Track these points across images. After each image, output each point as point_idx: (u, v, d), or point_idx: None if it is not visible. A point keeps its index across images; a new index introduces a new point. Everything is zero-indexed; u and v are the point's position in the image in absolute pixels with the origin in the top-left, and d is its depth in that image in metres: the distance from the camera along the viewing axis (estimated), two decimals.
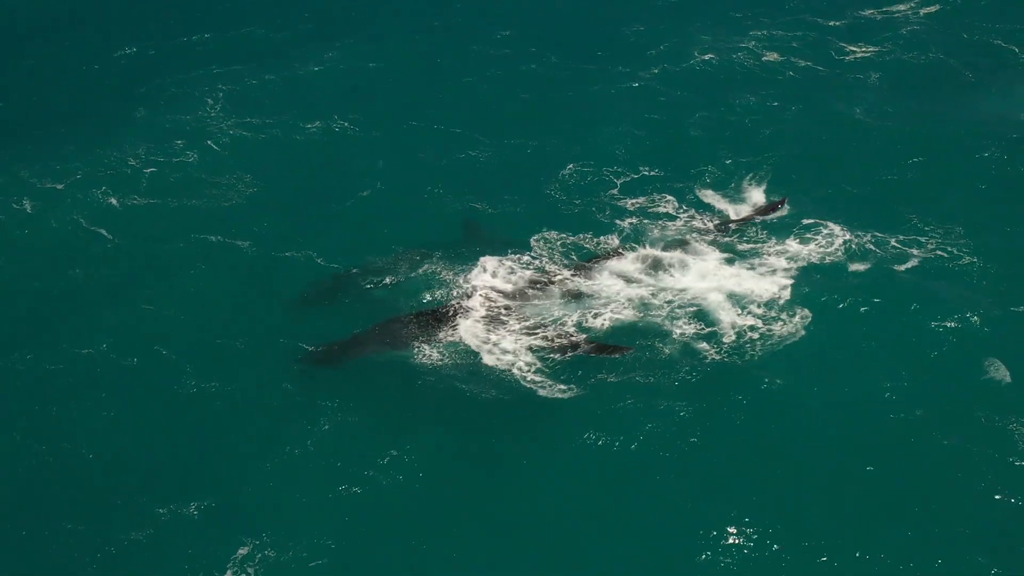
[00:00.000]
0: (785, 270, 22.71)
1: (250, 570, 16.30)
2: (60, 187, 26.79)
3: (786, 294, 21.69)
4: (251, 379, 20.31)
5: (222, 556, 16.53)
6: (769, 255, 23.37)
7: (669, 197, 26.06)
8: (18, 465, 18.55)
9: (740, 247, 23.73)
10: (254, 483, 17.99)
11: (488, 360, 20.36)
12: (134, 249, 24.54)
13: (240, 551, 16.57)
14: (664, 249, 23.54)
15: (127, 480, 18.10)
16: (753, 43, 34.89)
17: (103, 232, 25.14)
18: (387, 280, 23.09)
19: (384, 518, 17.25)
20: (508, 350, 20.60)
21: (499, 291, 22.31)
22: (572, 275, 22.75)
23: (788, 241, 23.88)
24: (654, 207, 25.71)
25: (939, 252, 23.26)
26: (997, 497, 17.16)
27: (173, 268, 23.76)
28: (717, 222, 24.66)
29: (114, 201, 26.28)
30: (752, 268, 22.84)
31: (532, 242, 24.08)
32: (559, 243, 24.14)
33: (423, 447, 18.54)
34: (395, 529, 17.06)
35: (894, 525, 16.78)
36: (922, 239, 23.80)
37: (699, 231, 24.27)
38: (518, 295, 22.15)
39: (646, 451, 18.35)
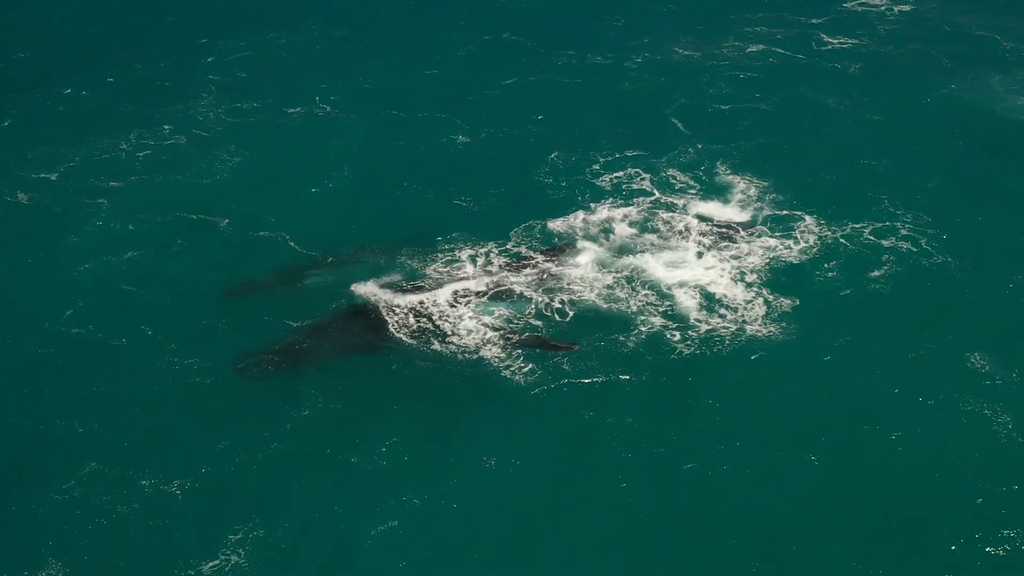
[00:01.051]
0: (755, 259, 23.47)
1: (241, 551, 17.08)
2: (53, 177, 27.61)
3: (756, 287, 22.50)
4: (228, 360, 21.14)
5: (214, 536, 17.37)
6: (741, 245, 24.09)
7: (645, 175, 26.93)
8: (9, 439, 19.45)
9: (711, 239, 24.41)
10: (239, 466, 18.78)
11: (448, 345, 21.19)
12: (122, 230, 25.38)
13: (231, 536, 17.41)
14: (635, 238, 24.34)
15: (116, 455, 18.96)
16: (734, 38, 35.53)
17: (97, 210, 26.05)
18: (326, 269, 23.76)
19: (369, 496, 18.08)
20: (471, 330, 21.49)
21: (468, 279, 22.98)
22: (544, 261, 23.53)
23: (759, 231, 24.67)
24: (629, 185, 26.60)
25: (909, 245, 23.98)
26: (978, 484, 17.90)
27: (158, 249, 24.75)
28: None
29: (109, 183, 27.10)
30: (723, 260, 23.57)
31: (511, 234, 24.77)
32: (536, 231, 24.87)
33: (398, 431, 19.29)
34: (383, 506, 17.90)
35: (861, 514, 17.64)
36: (894, 227, 24.60)
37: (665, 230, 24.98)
38: (490, 283, 22.88)
39: (600, 432, 19.24)
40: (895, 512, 17.62)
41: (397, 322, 21.62)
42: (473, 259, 23.70)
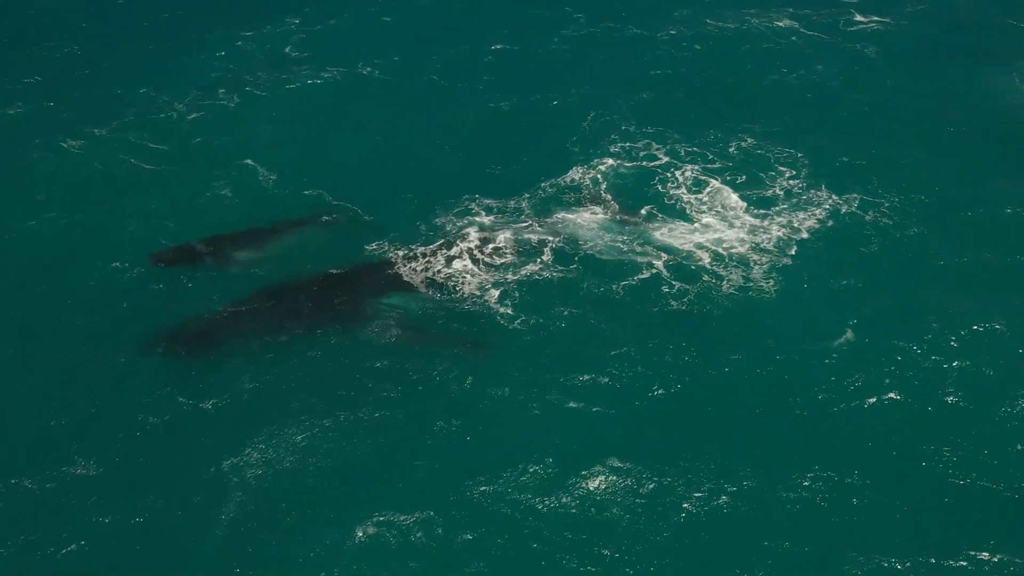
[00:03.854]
0: (763, 230, 24.67)
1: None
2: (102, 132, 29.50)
3: (764, 254, 23.74)
4: None
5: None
6: (749, 215, 25.26)
7: (658, 146, 28.07)
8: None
9: (721, 209, 25.59)
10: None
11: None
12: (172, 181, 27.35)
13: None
14: (648, 209, 25.56)
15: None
16: (771, 14, 36.15)
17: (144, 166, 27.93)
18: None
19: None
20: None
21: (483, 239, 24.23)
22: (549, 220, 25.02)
23: (767, 199, 25.87)
24: (647, 154, 27.76)
25: (910, 229, 24.80)
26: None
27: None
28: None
29: (156, 144, 28.92)
30: (731, 227, 24.80)
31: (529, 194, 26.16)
32: (553, 190, 26.29)
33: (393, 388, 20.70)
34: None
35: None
36: (890, 206, 25.52)
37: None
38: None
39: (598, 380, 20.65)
40: None
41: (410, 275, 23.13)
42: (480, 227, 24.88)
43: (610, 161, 27.44)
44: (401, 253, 23.96)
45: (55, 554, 17.49)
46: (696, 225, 24.99)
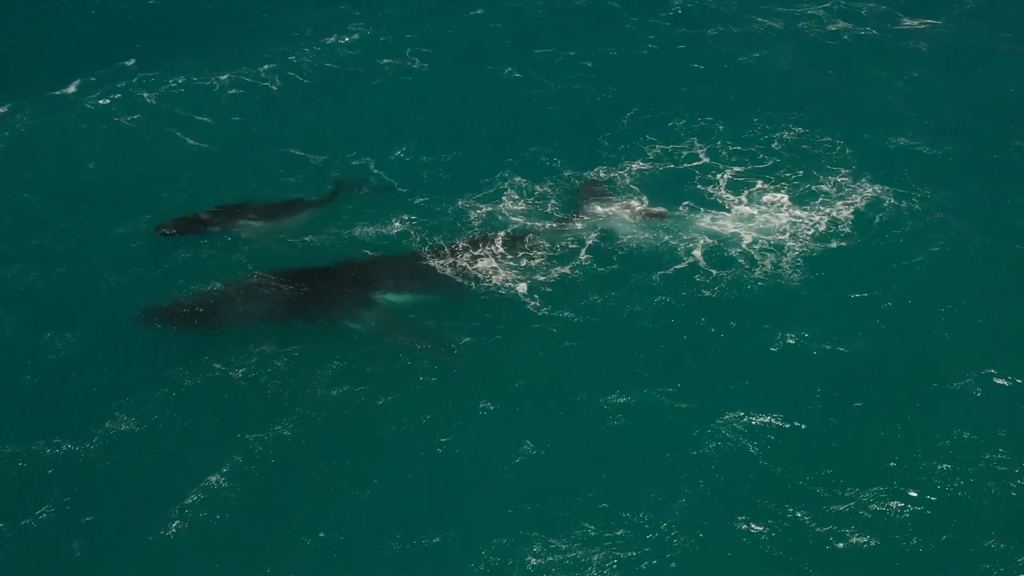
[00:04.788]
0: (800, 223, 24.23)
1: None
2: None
3: (800, 243, 23.29)
4: None
5: None
6: (790, 207, 24.83)
7: (700, 145, 27.72)
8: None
9: (762, 202, 25.15)
10: None
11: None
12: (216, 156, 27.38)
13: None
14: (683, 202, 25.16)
15: None
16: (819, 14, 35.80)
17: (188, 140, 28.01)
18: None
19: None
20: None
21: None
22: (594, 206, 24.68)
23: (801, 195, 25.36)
24: (687, 151, 27.45)
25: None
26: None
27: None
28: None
29: (200, 118, 29.05)
30: (770, 218, 24.38)
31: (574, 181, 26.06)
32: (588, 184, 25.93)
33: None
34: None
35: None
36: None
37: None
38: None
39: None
40: None
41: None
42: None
43: (646, 156, 27.19)
44: (425, 240, 23.62)
45: None
46: (735, 215, 24.58)
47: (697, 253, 23.00)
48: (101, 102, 29.58)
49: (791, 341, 20.49)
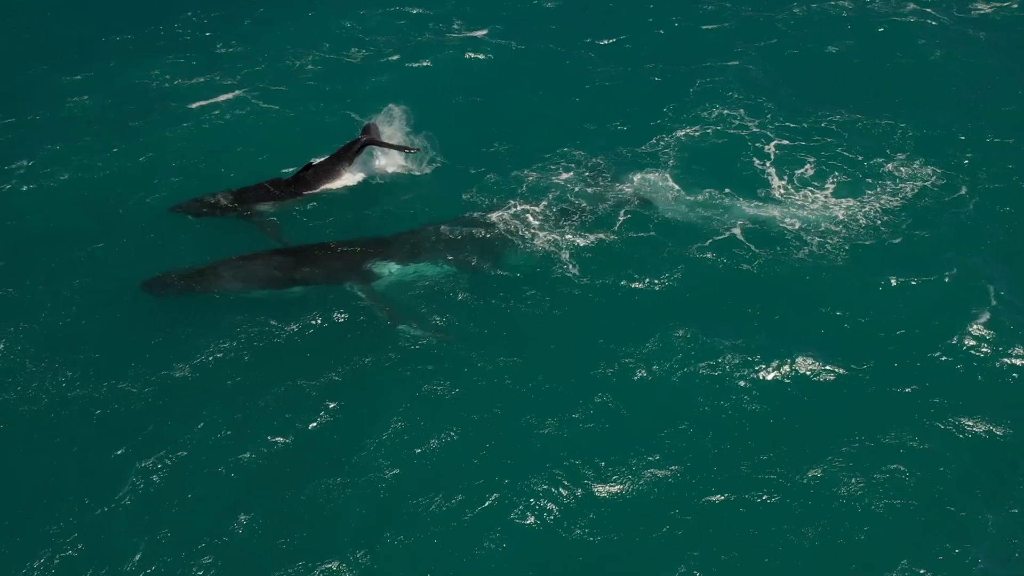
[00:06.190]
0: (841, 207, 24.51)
1: None
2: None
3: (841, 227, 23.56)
4: None
5: None
6: (839, 190, 25.08)
7: (751, 119, 28.25)
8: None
9: (812, 183, 25.46)
10: None
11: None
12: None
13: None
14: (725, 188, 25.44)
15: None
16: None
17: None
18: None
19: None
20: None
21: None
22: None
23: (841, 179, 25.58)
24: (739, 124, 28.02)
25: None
26: None
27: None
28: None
29: (262, 103, 30.06)
30: (818, 200, 24.70)
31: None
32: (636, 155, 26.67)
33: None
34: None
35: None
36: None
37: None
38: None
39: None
40: None
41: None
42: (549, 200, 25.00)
43: (699, 131, 27.76)
44: (480, 201, 24.76)
45: None
46: (782, 197, 24.92)
47: (736, 231, 23.59)
48: None
49: (838, 314, 21.10)
